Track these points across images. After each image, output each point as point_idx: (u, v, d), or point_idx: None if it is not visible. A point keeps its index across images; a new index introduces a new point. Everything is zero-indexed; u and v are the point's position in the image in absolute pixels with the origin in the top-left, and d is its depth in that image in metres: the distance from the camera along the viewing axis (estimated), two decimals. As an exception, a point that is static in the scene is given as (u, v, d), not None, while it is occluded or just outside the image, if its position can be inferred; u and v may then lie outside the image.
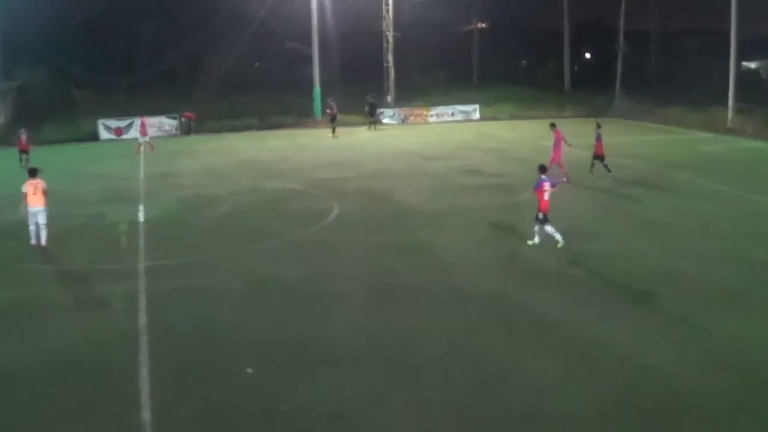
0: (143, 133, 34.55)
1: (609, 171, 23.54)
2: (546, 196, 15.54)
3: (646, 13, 56.23)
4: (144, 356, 10.56)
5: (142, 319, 12.07)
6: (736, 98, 37.16)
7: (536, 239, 15.90)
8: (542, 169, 16.20)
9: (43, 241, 16.80)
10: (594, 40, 64.09)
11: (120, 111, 41.64)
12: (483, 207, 20.06)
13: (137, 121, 39.81)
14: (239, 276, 14.35)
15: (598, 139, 23.87)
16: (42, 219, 16.73)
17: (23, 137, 30.44)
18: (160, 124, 40.49)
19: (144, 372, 10.04)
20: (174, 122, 40.56)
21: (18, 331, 11.76)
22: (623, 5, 49.25)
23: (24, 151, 30.21)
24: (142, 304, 12.79)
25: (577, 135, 27.07)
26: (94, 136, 39.00)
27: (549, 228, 15.57)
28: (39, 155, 30.26)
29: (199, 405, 9.17)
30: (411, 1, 51.73)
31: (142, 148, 33.40)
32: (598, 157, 23.87)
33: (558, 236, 15.48)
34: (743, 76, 42.94)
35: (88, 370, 10.26)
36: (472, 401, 9.10)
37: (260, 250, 16.20)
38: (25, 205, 16.68)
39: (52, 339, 11.36)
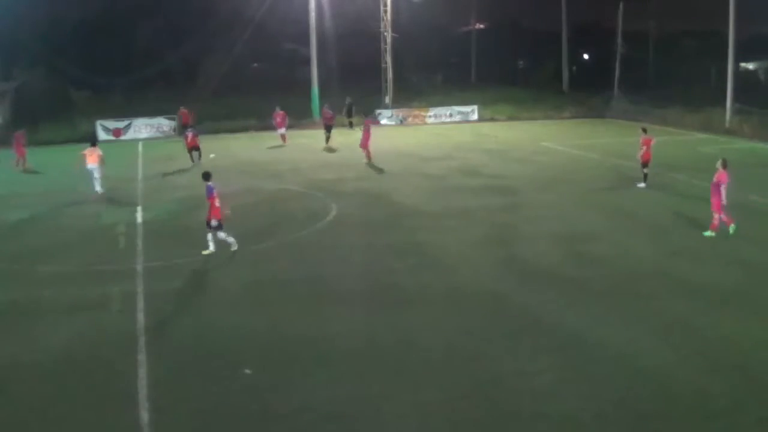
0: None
1: (197, 160, 28.34)
2: (217, 203, 15.43)
3: (644, 14, 56.20)
4: (142, 357, 10.58)
5: (140, 319, 12.08)
6: (735, 99, 37.20)
7: (211, 247, 15.74)
8: (206, 176, 15.82)
9: (98, 188, 22.78)
10: (592, 41, 64.07)
11: (118, 112, 41.56)
12: (481, 208, 20.06)
13: (136, 122, 39.85)
14: (237, 276, 14.37)
15: (195, 135, 29.28)
16: (97, 174, 22.76)
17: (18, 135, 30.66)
18: (159, 125, 40.43)
19: (142, 373, 10.06)
20: (172, 123, 40.48)
21: (16, 331, 11.78)
22: (621, 6, 49.30)
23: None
24: (140, 304, 12.81)
25: (577, 136, 26.98)
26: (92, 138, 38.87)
27: (221, 234, 15.64)
28: (37, 156, 30.37)
29: (197, 405, 9.18)
30: (409, 2, 51.69)
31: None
32: (193, 149, 28.84)
33: (231, 240, 15.72)
34: (741, 77, 42.98)
35: (86, 370, 10.27)
36: (469, 402, 9.11)
37: (258, 251, 16.20)
38: (83, 164, 22.71)
39: (51, 339, 11.36)
